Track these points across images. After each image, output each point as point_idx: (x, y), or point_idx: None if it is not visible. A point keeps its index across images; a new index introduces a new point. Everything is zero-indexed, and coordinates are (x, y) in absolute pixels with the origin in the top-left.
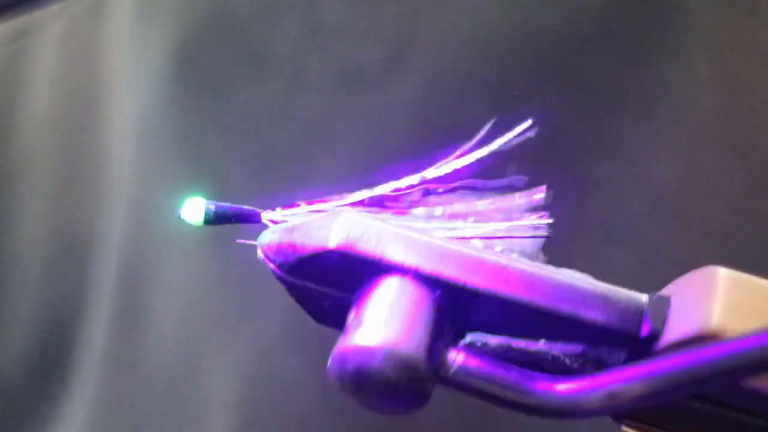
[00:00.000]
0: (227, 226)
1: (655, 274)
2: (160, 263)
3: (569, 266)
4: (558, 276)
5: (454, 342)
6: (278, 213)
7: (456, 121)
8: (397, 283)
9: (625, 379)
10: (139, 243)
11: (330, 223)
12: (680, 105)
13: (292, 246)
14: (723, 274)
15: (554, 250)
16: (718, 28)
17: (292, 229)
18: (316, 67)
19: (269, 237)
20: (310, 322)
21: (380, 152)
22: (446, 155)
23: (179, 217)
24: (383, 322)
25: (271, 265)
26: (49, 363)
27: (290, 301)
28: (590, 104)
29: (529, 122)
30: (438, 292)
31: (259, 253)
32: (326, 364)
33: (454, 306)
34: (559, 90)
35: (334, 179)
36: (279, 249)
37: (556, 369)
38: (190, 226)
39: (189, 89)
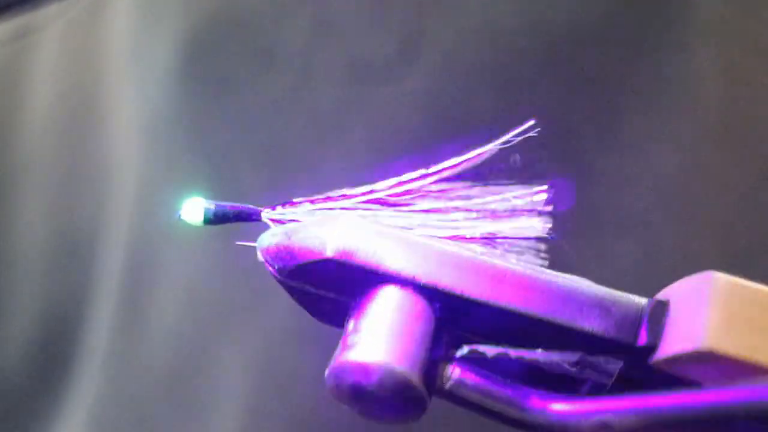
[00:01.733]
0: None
1: (659, 267)
2: (165, 259)
3: (574, 257)
4: (555, 283)
5: (451, 352)
6: (279, 211)
7: (465, 114)
8: (394, 294)
9: (619, 410)
10: (144, 239)
11: (327, 230)
12: (684, 98)
13: (290, 252)
14: (720, 283)
15: (559, 244)
16: (723, 22)
17: (289, 234)
18: (325, 60)
19: (268, 240)
20: None
21: (390, 145)
22: (455, 148)
23: (179, 217)
24: (380, 339)
25: (271, 269)
26: (54, 360)
27: None
28: (595, 96)
29: (531, 122)
30: (436, 304)
31: (259, 256)
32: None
33: (453, 314)
34: (566, 83)
35: (344, 173)
36: (277, 253)
37: (555, 373)
38: (190, 226)
39: (197, 84)
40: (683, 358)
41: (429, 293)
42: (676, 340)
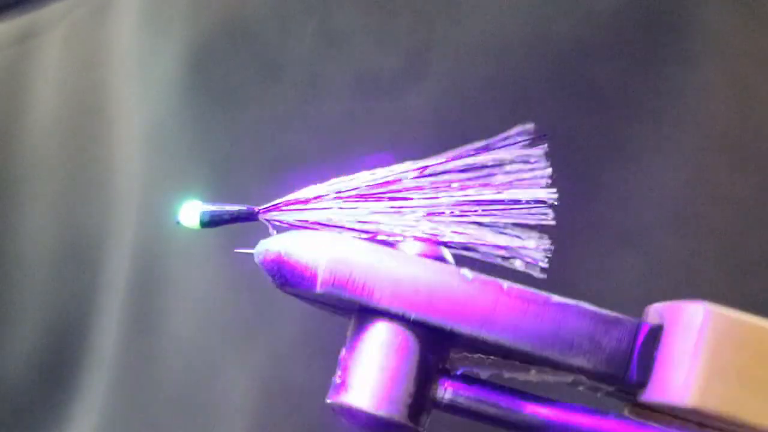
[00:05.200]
0: (237, 229)
1: (662, 281)
2: (172, 267)
3: (577, 270)
4: (546, 316)
5: (444, 370)
6: (275, 213)
7: (472, 128)
8: (382, 329)
9: None
10: (151, 247)
11: (318, 256)
12: (690, 111)
13: (283, 275)
14: (715, 321)
15: (562, 254)
16: (730, 34)
17: (283, 253)
18: (331, 73)
19: (264, 251)
20: (326, 327)
21: (397, 159)
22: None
23: (177, 221)
24: (366, 382)
25: (268, 277)
26: (60, 368)
27: (306, 307)
28: (601, 109)
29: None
30: (426, 334)
31: (257, 261)
32: None
33: (443, 341)
34: (572, 97)
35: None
36: (272, 268)
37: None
38: (188, 229)
39: (201, 94)
40: (669, 409)
41: (418, 325)
42: (664, 386)
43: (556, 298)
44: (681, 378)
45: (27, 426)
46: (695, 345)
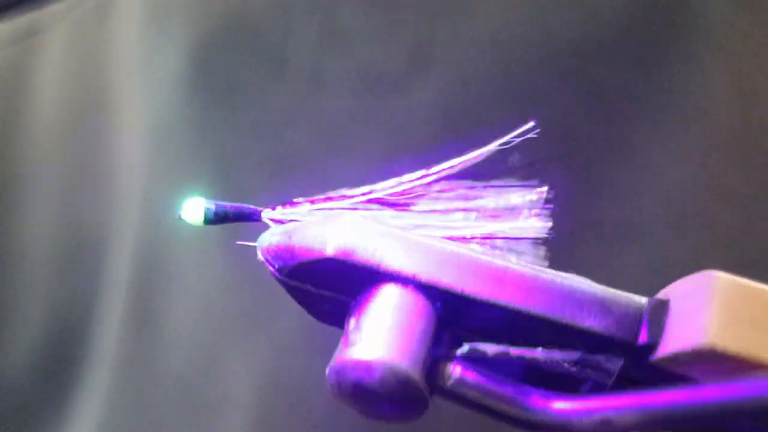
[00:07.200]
0: (239, 227)
1: (664, 276)
2: (174, 264)
3: (580, 267)
4: (555, 282)
5: (452, 350)
6: (279, 211)
7: (475, 125)
8: (395, 292)
9: (619, 407)
10: (153, 244)
11: (327, 228)
12: (694, 110)
13: (290, 251)
14: (722, 281)
15: (565, 251)
16: (734, 34)
17: (289, 233)
18: (335, 70)
19: (268, 240)
20: None
21: (399, 156)
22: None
23: (179, 217)
24: (381, 337)
25: (271, 268)
26: (62, 365)
27: None
28: (605, 108)
29: (531, 124)
30: (437, 302)
31: (259, 255)
32: None
33: (453, 313)
34: (576, 94)
35: (352, 183)
36: (277, 253)
37: (555, 372)
38: (192, 227)
39: (205, 90)
40: (683, 357)
41: (429, 292)
42: (677, 339)
43: (565, 276)
44: (696, 325)
45: (30, 423)
46: (706, 298)
